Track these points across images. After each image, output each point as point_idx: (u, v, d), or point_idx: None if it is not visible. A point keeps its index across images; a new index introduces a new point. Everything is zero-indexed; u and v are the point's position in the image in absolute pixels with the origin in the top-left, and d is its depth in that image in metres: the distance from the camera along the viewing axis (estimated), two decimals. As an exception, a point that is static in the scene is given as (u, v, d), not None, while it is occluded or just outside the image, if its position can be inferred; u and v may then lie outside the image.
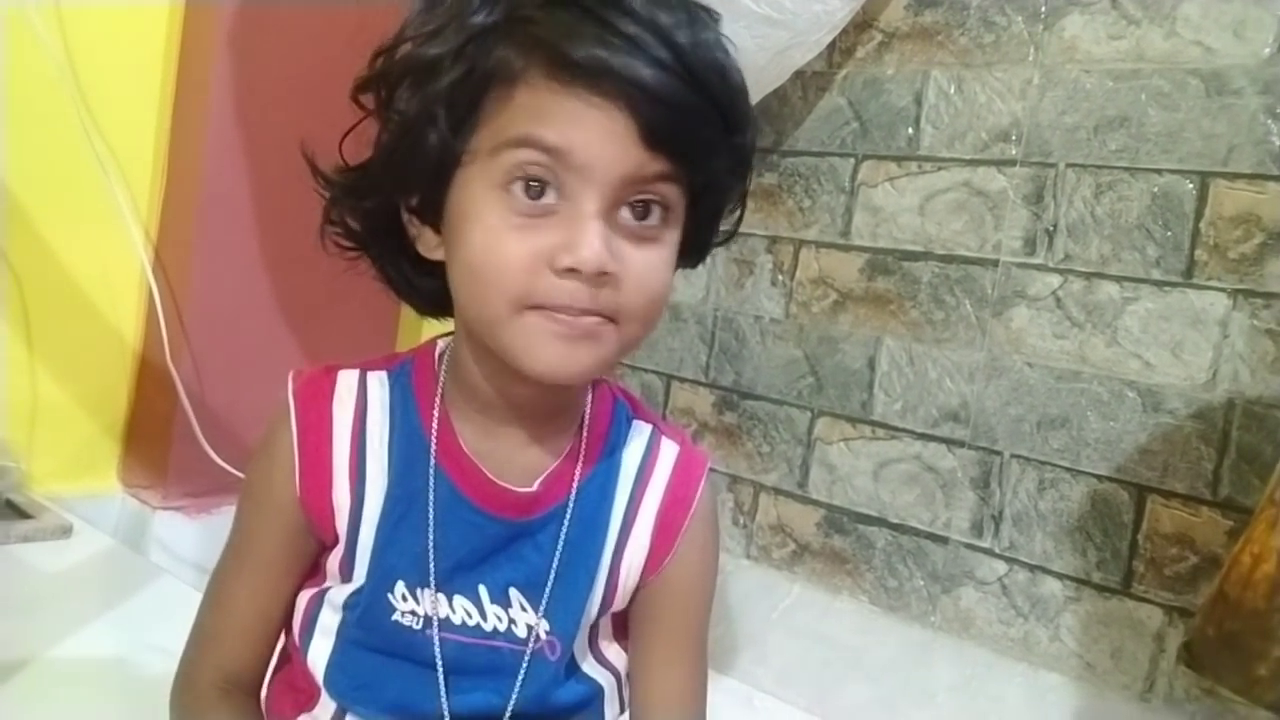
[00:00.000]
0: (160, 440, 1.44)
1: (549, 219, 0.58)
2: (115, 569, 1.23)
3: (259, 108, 1.43)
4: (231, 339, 1.46)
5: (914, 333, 1.44)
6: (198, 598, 1.13)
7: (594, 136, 0.57)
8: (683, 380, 1.69)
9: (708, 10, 0.62)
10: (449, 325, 0.71)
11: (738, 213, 0.70)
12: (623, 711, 0.76)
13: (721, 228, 0.70)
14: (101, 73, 1.35)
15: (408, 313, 0.96)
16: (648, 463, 0.72)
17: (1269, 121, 1.17)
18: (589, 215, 0.57)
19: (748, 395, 1.61)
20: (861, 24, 1.49)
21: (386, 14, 0.67)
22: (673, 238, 0.63)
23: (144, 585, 1.17)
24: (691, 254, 0.68)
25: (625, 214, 0.59)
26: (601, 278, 0.58)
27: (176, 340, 1.41)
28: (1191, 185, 1.22)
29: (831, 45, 1.48)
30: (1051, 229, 1.32)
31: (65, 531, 1.24)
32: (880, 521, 1.46)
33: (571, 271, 0.57)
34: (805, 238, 1.56)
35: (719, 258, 1.63)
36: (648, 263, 0.60)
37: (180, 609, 1.15)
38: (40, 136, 1.33)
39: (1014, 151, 1.35)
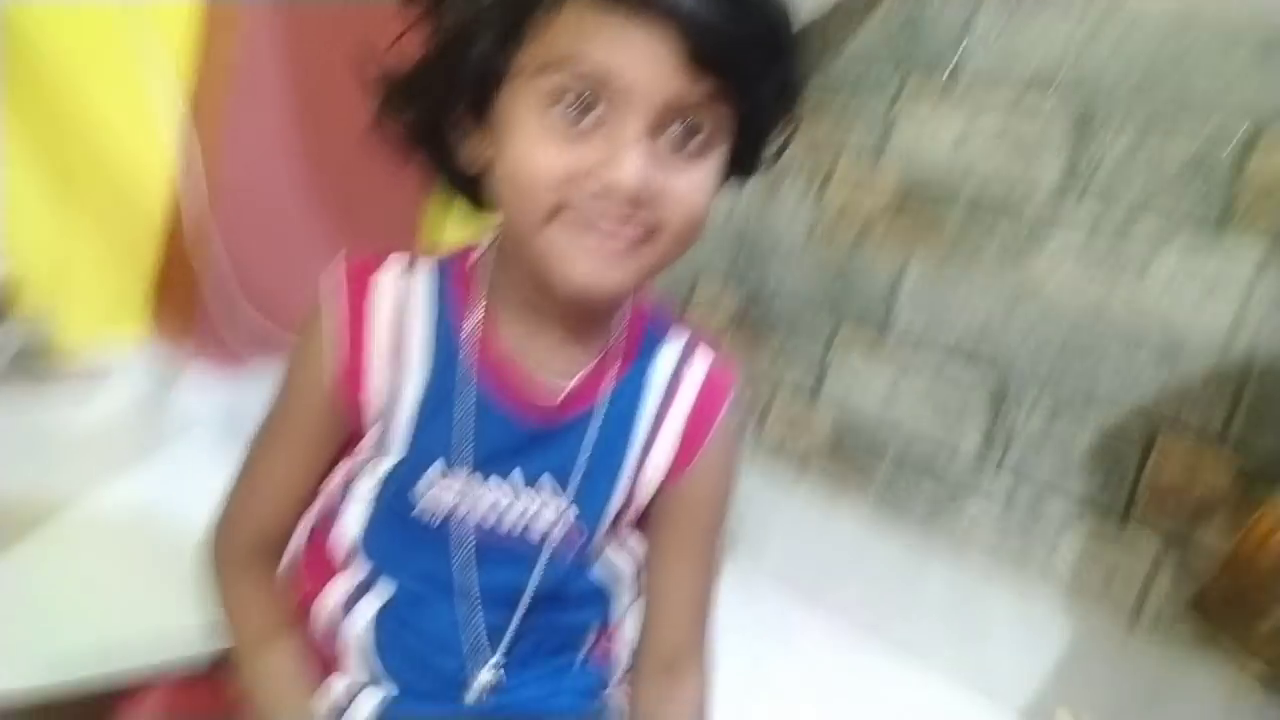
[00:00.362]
0: (192, 292, 1.45)
1: (592, 138, 0.59)
2: (146, 417, 1.26)
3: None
4: (265, 195, 1.46)
5: (944, 256, 1.45)
6: (228, 449, 1.18)
7: (638, 59, 0.57)
8: (711, 273, 1.71)
9: None
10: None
11: (787, 135, 0.71)
12: (639, 597, 0.81)
13: (770, 151, 0.71)
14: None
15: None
16: (679, 372, 0.75)
17: (1328, 78, 1.17)
18: (631, 138, 0.59)
19: (773, 295, 1.63)
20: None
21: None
22: (716, 159, 0.64)
23: (174, 435, 1.20)
24: (739, 172, 0.69)
25: (668, 137, 0.60)
26: (639, 198, 0.59)
27: (211, 198, 1.41)
28: (1236, 138, 1.22)
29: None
30: (1092, 167, 1.32)
31: (100, 376, 1.26)
32: (892, 430, 1.50)
33: (608, 191, 0.59)
34: (845, 146, 1.55)
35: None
36: (690, 183, 0.62)
37: (209, 459, 1.20)
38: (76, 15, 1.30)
39: (1057, 91, 1.34)
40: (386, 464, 0.71)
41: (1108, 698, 1.26)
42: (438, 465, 0.70)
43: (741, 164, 0.68)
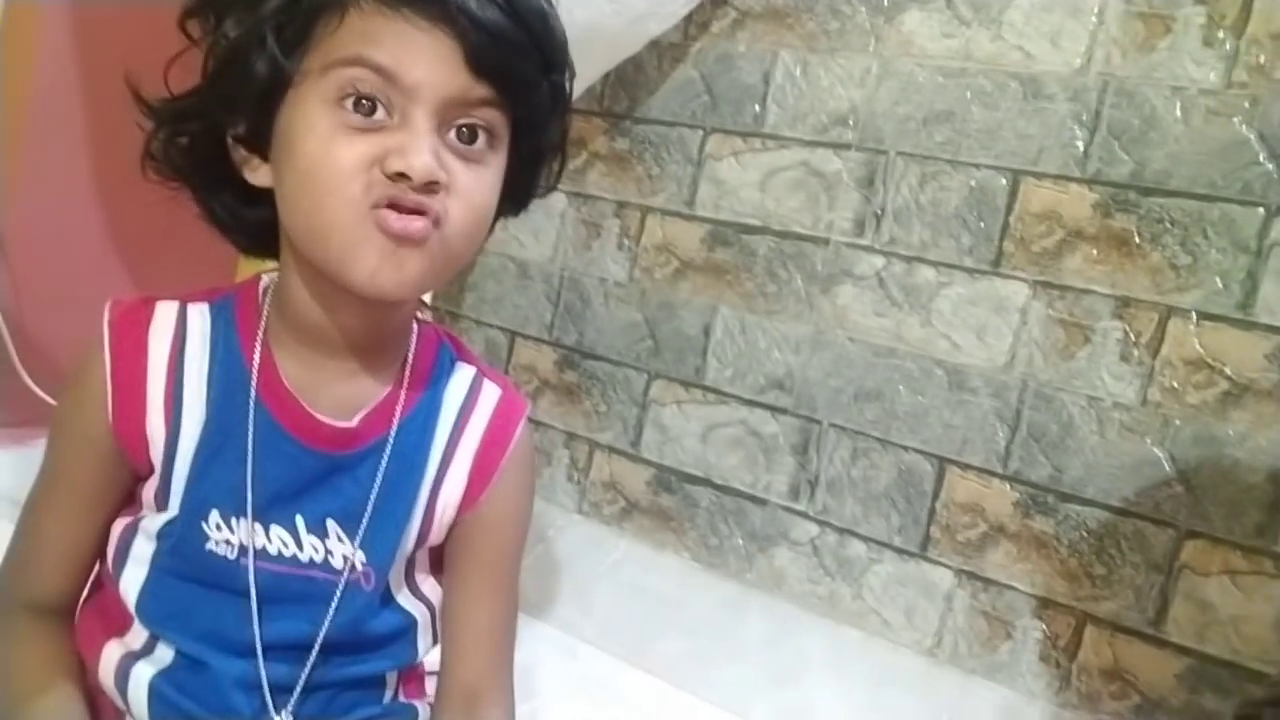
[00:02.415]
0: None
1: (381, 132, 0.61)
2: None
3: (92, 27, 1.37)
4: (55, 266, 1.41)
5: (747, 303, 1.50)
6: (8, 529, 1.10)
7: (422, 58, 0.60)
8: (527, 337, 1.71)
9: None
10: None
11: (558, 165, 0.74)
12: (435, 643, 0.79)
13: (543, 183, 0.74)
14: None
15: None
16: (469, 403, 0.75)
17: (1075, 127, 1.26)
18: (421, 130, 0.60)
19: (589, 355, 1.65)
20: (717, 0, 1.53)
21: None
22: (498, 164, 0.66)
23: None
24: (514, 198, 0.71)
25: (452, 137, 0.63)
26: (430, 187, 0.60)
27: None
28: (1004, 181, 1.31)
29: (688, 18, 1.52)
30: (879, 212, 1.39)
31: None
32: (705, 482, 1.52)
33: (401, 177, 0.60)
34: (652, 205, 1.60)
35: (568, 218, 1.66)
36: (475, 179, 0.64)
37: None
38: None
39: (850, 136, 1.42)
40: (164, 519, 0.68)
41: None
42: (216, 516, 0.68)
43: (519, 187, 0.70)
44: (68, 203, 1.40)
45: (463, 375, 0.76)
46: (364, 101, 0.60)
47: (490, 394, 0.76)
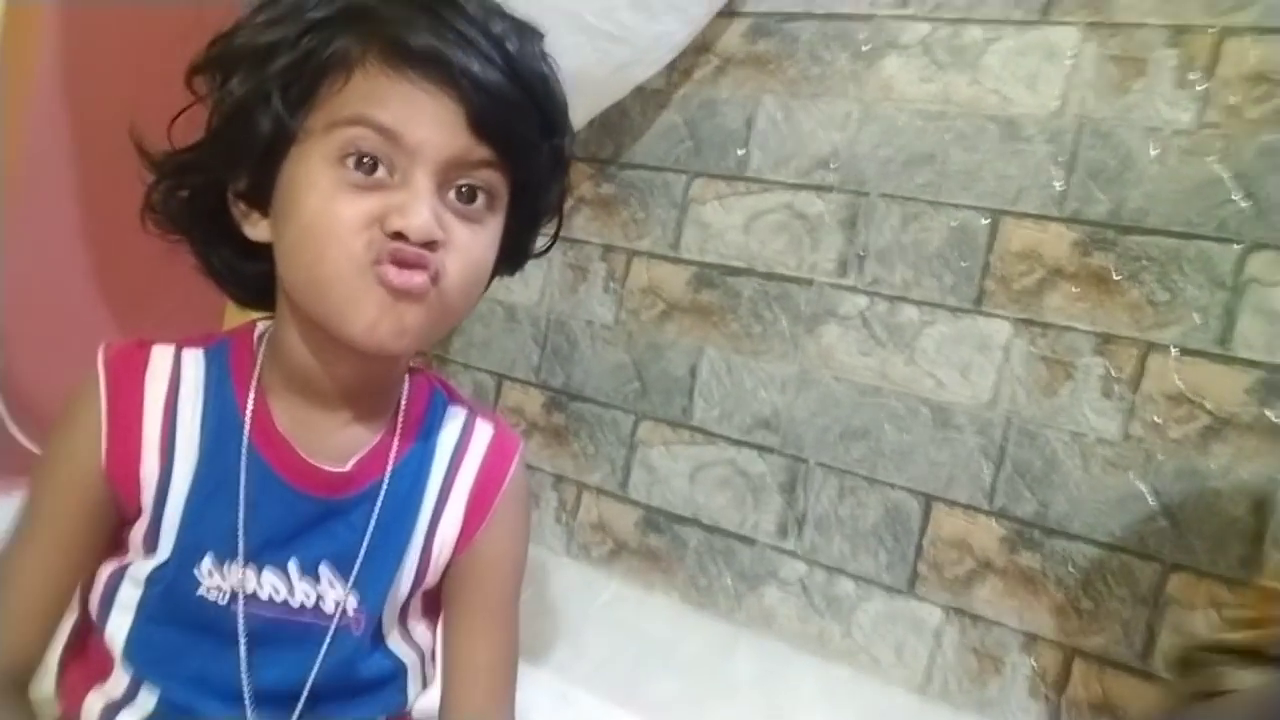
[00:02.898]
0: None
1: (381, 190, 0.62)
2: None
3: (87, 75, 1.39)
4: (44, 314, 1.41)
5: (733, 344, 1.51)
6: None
7: (425, 119, 0.61)
8: (514, 380, 1.72)
9: (534, 28, 0.68)
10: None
11: (555, 225, 0.75)
12: (425, 688, 0.78)
13: (539, 242, 0.75)
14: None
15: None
16: (462, 444, 0.76)
17: (1053, 168, 1.29)
18: (420, 190, 0.61)
19: (576, 397, 1.66)
20: (700, 47, 1.56)
21: (222, 9, 0.69)
22: (496, 225, 0.67)
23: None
24: (511, 258, 0.72)
25: (452, 196, 0.64)
26: (429, 246, 0.61)
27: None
28: (985, 221, 1.33)
29: (671, 65, 1.54)
30: (862, 253, 1.41)
31: None
32: (694, 522, 1.52)
33: (400, 236, 0.60)
34: (638, 248, 1.61)
35: (555, 262, 1.68)
36: (473, 238, 0.65)
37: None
38: None
39: (832, 179, 1.45)
40: (152, 564, 0.68)
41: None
42: (208, 560, 0.67)
43: (516, 247, 0.71)
44: (56, 253, 1.41)
45: (455, 417, 0.77)
46: (365, 160, 0.61)
47: (483, 433, 0.77)
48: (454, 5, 0.63)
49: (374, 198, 0.61)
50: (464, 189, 0.64)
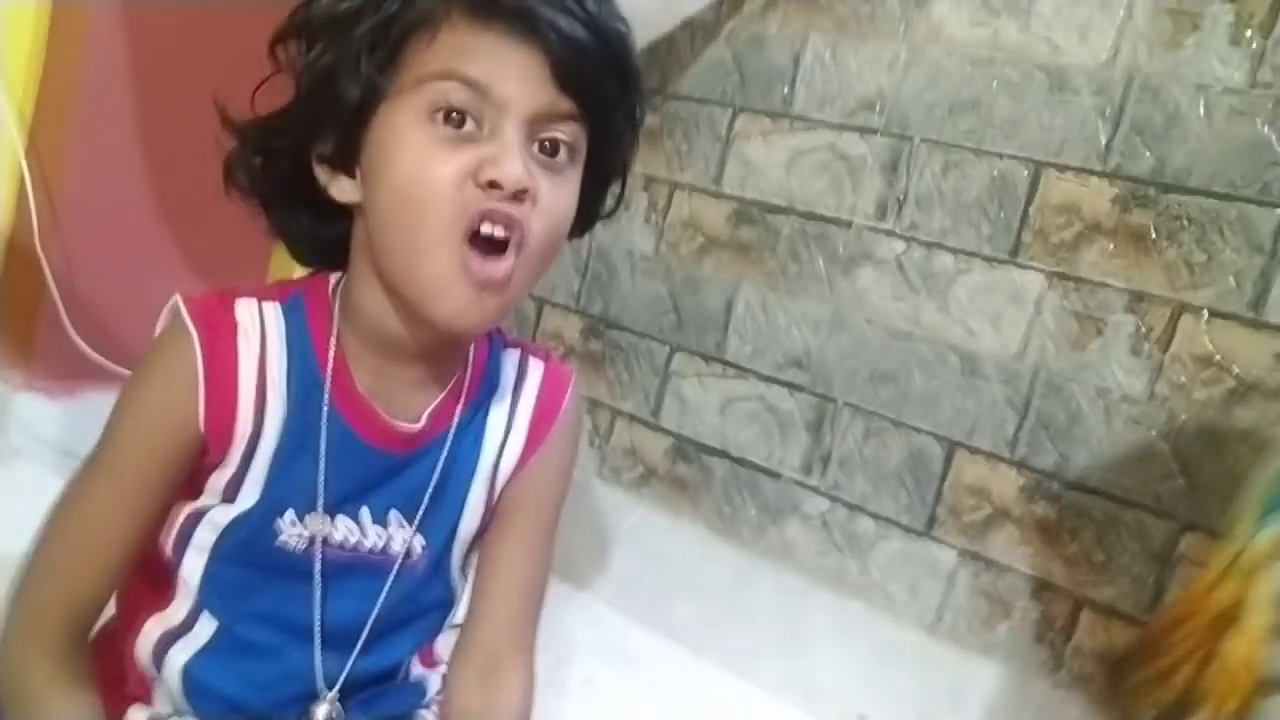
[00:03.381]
0: (25, 321, 1.45)
1: (471, 144, 0.63)
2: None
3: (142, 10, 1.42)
4: (105, 229, 1.46)
5: (770, 282, 1.53)
6: (56, 483, 1.16)
7: (512, 73, 0.63)
8: (554, 305, 1.76)
9: None
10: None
11: (620, 186, 0.76)
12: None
13: (607, 204, 0.76)
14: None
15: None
16: (519, 384, 0.78)
17: (1099, 121, 1.28)
18: (511, 140, 0.63)
19: (614, 325, 1.69)
20: (751, -20, 1.55)
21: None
22: (575, 178, 0.68)
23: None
24: (582, 217, 0.73)
25: (536, 149, 0.65)
26: (521, 194, 0.63)
27: (47, 226, 1.41)
28: (1026, 172, 1.32)
29: (721, -2, 1.54)
30: (901, 198, 1.42)
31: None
32: (722, 454, 1.56)
33: (494, 186, 0.62)
34: (680, 181, 1.63)
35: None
36: (557, 191, 0.66)
37: (36, 495, 1.18)
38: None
39: (876, 121, 1.44)
40: (234, 512, 0.70)
41: (914, 700, 1.34)
42: (289, 514, 0.70)
43: (587, 208, 0.72)
44: (118, 169, 1.45)
45: (510, 359, 0.79)
46: (455, 114, 0.63)
47: (536, 369, 0.79)
48: None
49: (466, 151, 0.63)
50: (547, 143, 0.65)
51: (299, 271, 0.79)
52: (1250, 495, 0.97)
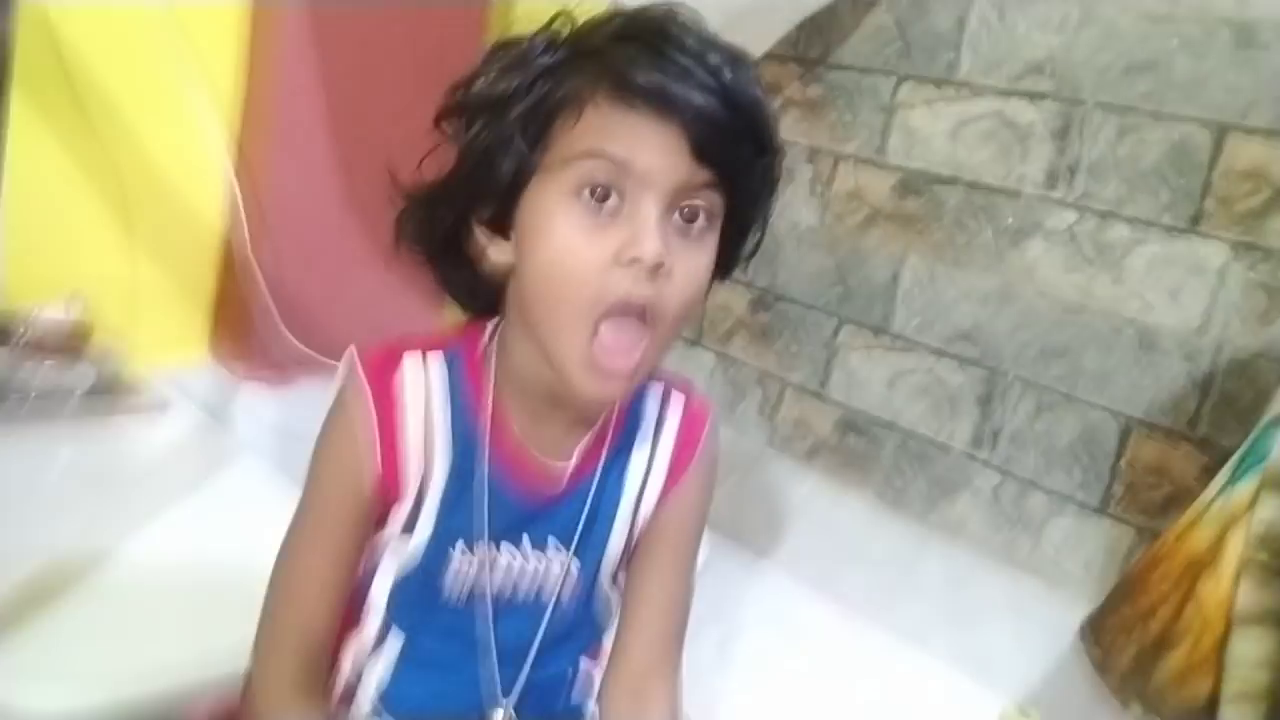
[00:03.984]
0: (244, 319, 1.60)
1: (614, 221, 0.68)
2: (204, 445, 1.41)
3: (336, 8, 1.52)
4: (308, 232, 1.59)
5: (936, 254, 1.51)
6: (274, 476, 1.29)
7: (653, 150, 0.67)
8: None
9: (745, 55, 0.72)
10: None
11: (761, 232, 0.80)
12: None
13: (748, 247, 0.80)
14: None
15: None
16: (661, 420, 0.84)
17: (1290, 79, 1.20)
18: (649, 216, 0.67)
19: (780, 298, 1.71)
20: (913, -58, 1.51)
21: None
22: (713, 240, 0.72)
23: (229, 463, 1.35)
24: (724, 265, 0.78)
25: (676, 218, 0.69)
26: (658, 269, 0.67)
27: (257, 230, 1.55)
28: (1209, 135, 1.25)
29: (882, -38, 1.51)
30: (1073, 166, 1.37)
31: (162, 407, 1.42)
32: (890, 426, 1.57)
33: (634, 262, 0.67)
34: (844, 152, 1.62)
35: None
36: (694, 262, 0.70)
37: (258, 490, 1.32)
38: (129, 36, 1.44)
39: (1046, 85, 1.39)
40: (413, 542, 0.78)
41: (1085, 684, 1.33)
42: (459, 545, 0.78)
43: (729, 258, 0.76)
44: (315, 177, 1.58)
45: (654, 396, 0.84)
46: (599, 190, 0.67)
47: (677, 403, 0.84)
48: (673, 40, 0.67)
49: (608, 233, 0.67)
50: (686, 209, 0.69)
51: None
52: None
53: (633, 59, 0.67)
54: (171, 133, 1.52)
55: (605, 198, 0.68)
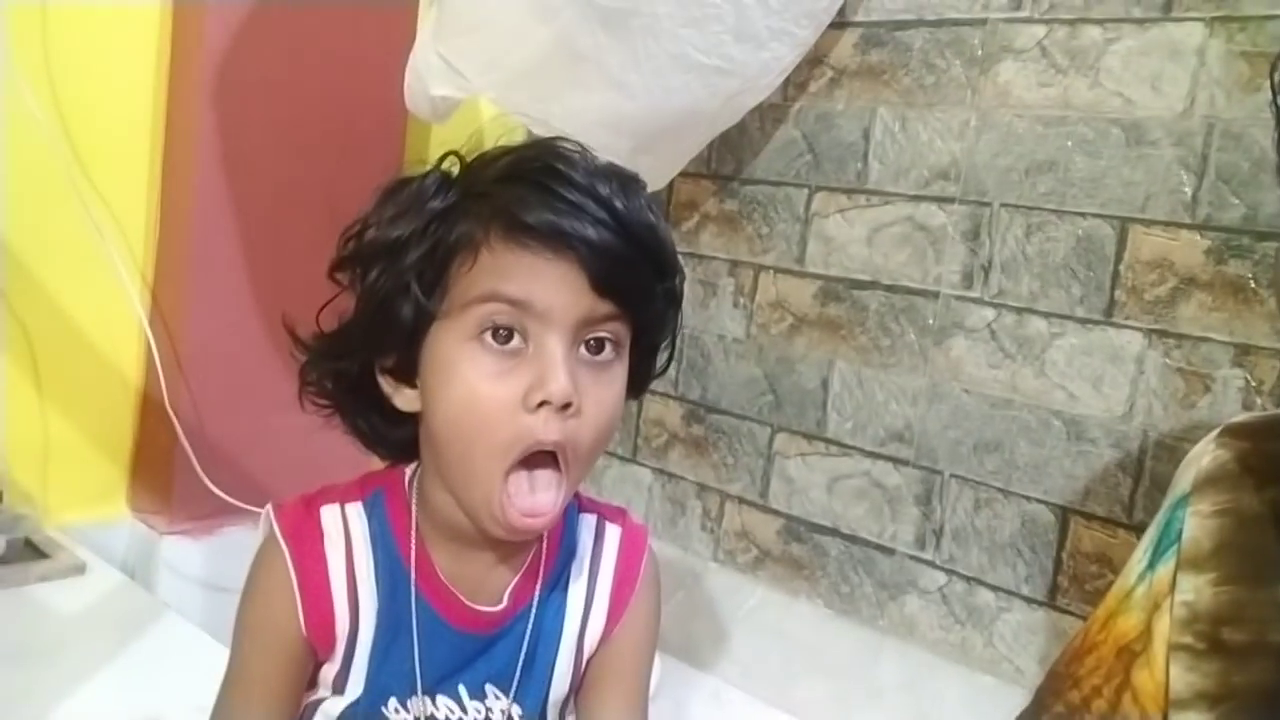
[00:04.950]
0: (163, 471, 1.55)
1: (519, 363, 0.67)
2: (124, 607, 1.35)
3: (246, 155, 1.52)
4: (225, 377, 1.56)
5: (863, 357, 1.53)
6: (200, 635, 1.23)
7: (551, 287, 0.66)
8: (654, 393, 1.79)
9: (636, 178, 0.72)
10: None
11: (670, 353, 0.80)
12: None
13: (658, 368, 0.80)
14: (94, 135, 1.44)
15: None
16: (597, 551, 0.82)
17: (1182, 172, 1.25)
18: (554, 354, 0.67)
19: (713, 409, 1.71)
20: (813, 60, 1.56)
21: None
22: (622, 369, 0.72)
23: (151, 624, 1.29)
24: (634, 385, 0.77)
25: (582, 350, 0.69)
26: (567, 409, 0.67)
27: (174, 380, 1.51)
28: (1112, 230, 1.30)
29: (785, 80, 1.55)
30: (987, 265, 1.41)
31: (79, 569, 1.35)
32: (834, 532, 1.57)
33: (543, 405, 0.66)
34: (764, 263, 1.65)
35: (686, 280, 1.72)
36: (604, 394, 0.70)
37: (183, 651, 1.27)
38: (37, 195, 1.42)
39: (953, 189, 1.44)
40: (344, 703, 0.75)
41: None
42: (393, 701, 0.75)
43: (638, 378, 0.76)
44: (232, 320, 1.55)
45: (587, 525, 0.82)
46: (501, 331, 0.67)
47: (613, 534, 0.83)
48: (562, 176, 0.67)
49: (513, 376, 0.67)
50: (591, 342, 0.69)
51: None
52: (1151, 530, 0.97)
53: (522, 200, 0.67)
54: (81, 283, 1.49)
55: (508, 339, 0.67)
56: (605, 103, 1.38)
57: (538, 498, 0.68)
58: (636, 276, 0.69)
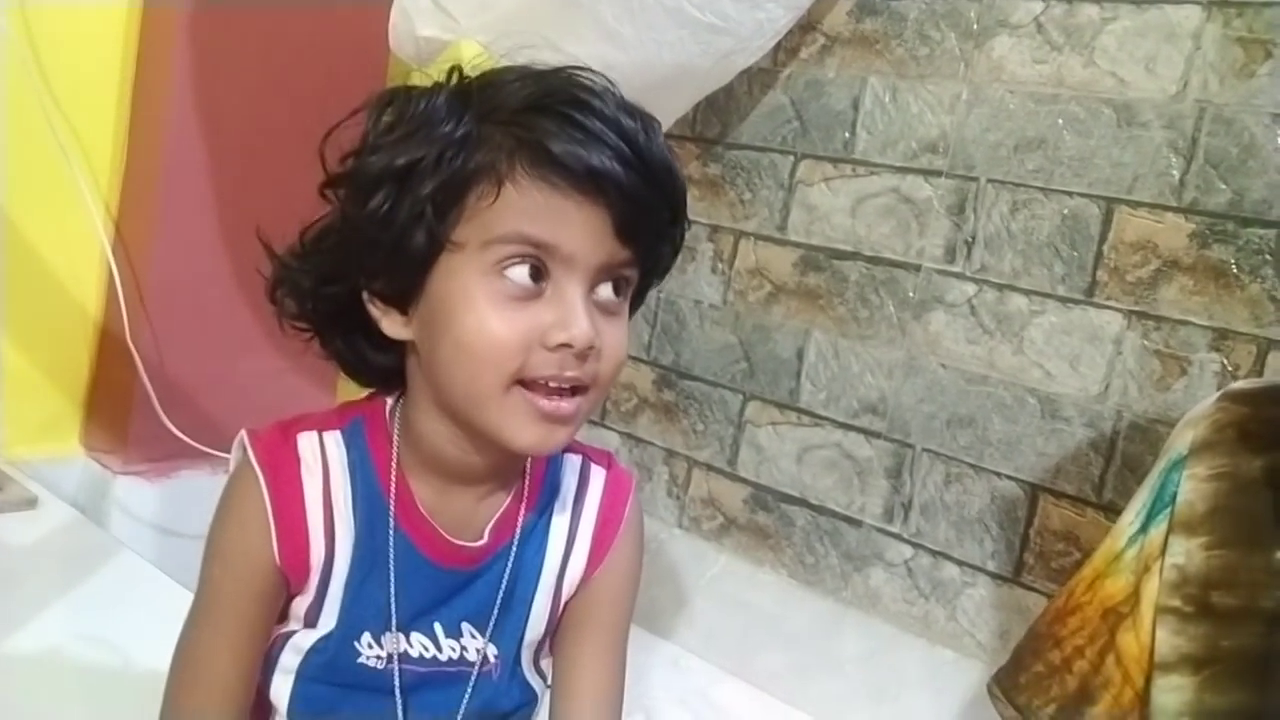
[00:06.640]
0: (120, 409, 1.51)
1: (538, 301, 0.65)
2: (77, 542, 1.31)
3: (219, 90, 1.47)
4: (190, 314, 1.52)
5: (840, 328, 1.53)
6: (155, 574, 1.20)
7: (578, 232, 0.64)
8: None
9: (652, 116, 0.70)
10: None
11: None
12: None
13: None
14: (64, 62, 1.39)
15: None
16: (580, 491, 0.80)
17: (1170, 155, 1.25)
18: (575, 298, 0.65)
19: (685, 375, 1.70)
20: (806, 26, 1.54)
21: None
22: (626, 311, 0.71)
23: (105, 560, 1.25)
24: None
25: (598, 293, 0.67)
26: (588, 351, 0.65)
27: (136, 314, 1.47)
28: (1098, 209, 1.30)
29: (777, 44, 1.54)
30: (970, 240, 1.40)
31: (30, 503, 1.31)
32: (801, 502, 1.56)
33: (564, 346, 0.64)
34: (744, 229, 1.63)
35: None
36: (617, 335, 0.68)
37: (138, 587, 1.23)
38: (4, 115, 1.37)
39: (940, 163, 1.43)
40: (315, 636, 0.73)
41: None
42: (366, 636, 0.73)
43: (633, 306, 0.74)
44: (199, 255, 1.51)
45: (571, 465, 0.80)
46: (522, 269, 0.64)
47: (598, 476, 0.81)
48: (591, 109, 0.64)
49: (529, 313, 0.64)
50: (608, 285, 0.67)
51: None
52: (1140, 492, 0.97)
53: (550, 133, 0.64)
54: (42, 205, 1.44)
55: (529, 278, 0.65)
56: (596, 53, 1.35)
57: (562, 402, 0.66)
58: (657, 222, 0.68)
